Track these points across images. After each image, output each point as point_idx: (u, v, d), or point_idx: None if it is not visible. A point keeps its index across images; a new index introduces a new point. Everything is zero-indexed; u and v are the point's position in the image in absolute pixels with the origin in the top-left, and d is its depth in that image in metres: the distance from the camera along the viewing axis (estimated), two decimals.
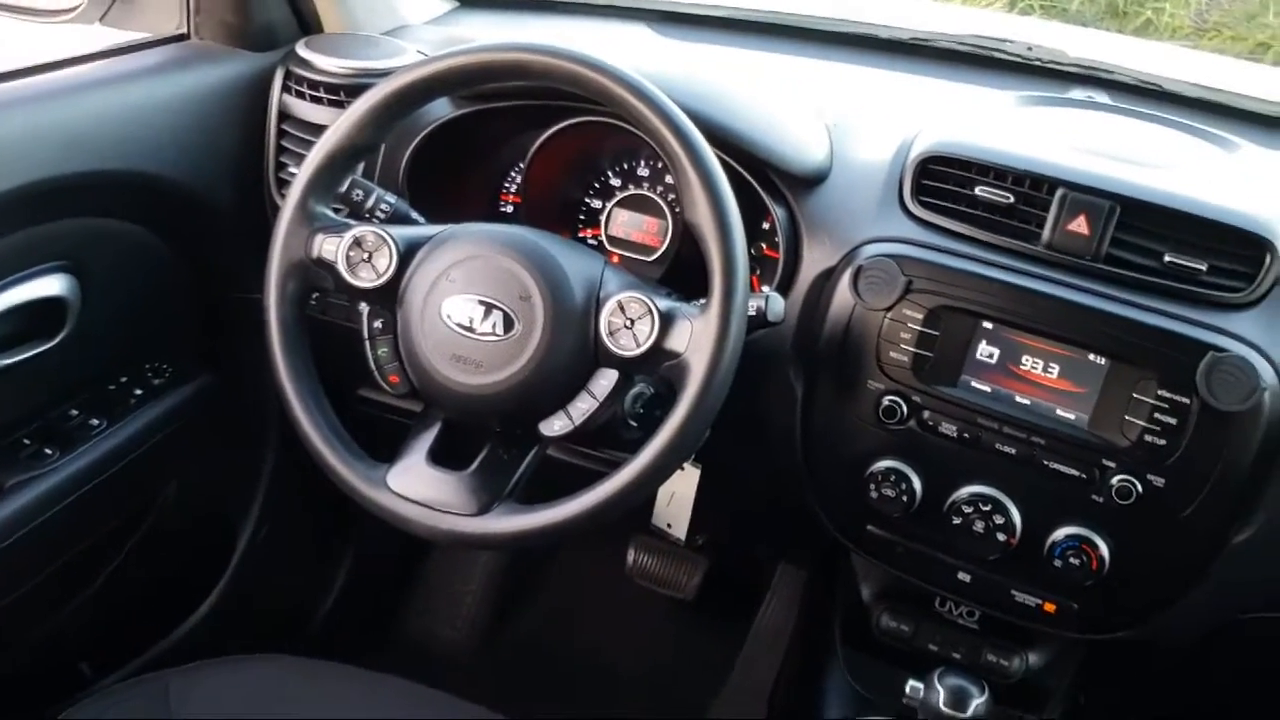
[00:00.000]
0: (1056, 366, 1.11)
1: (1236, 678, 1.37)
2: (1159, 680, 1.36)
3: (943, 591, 1.28)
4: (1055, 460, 1.11)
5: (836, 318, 1.17)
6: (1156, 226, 1.09)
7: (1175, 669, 1.36)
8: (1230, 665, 1.34)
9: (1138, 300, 1.09)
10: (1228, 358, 1.03)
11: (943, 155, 1.16)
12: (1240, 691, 1.40)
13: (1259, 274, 1.07)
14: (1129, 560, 1.11)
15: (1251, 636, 1.20)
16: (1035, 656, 1.32)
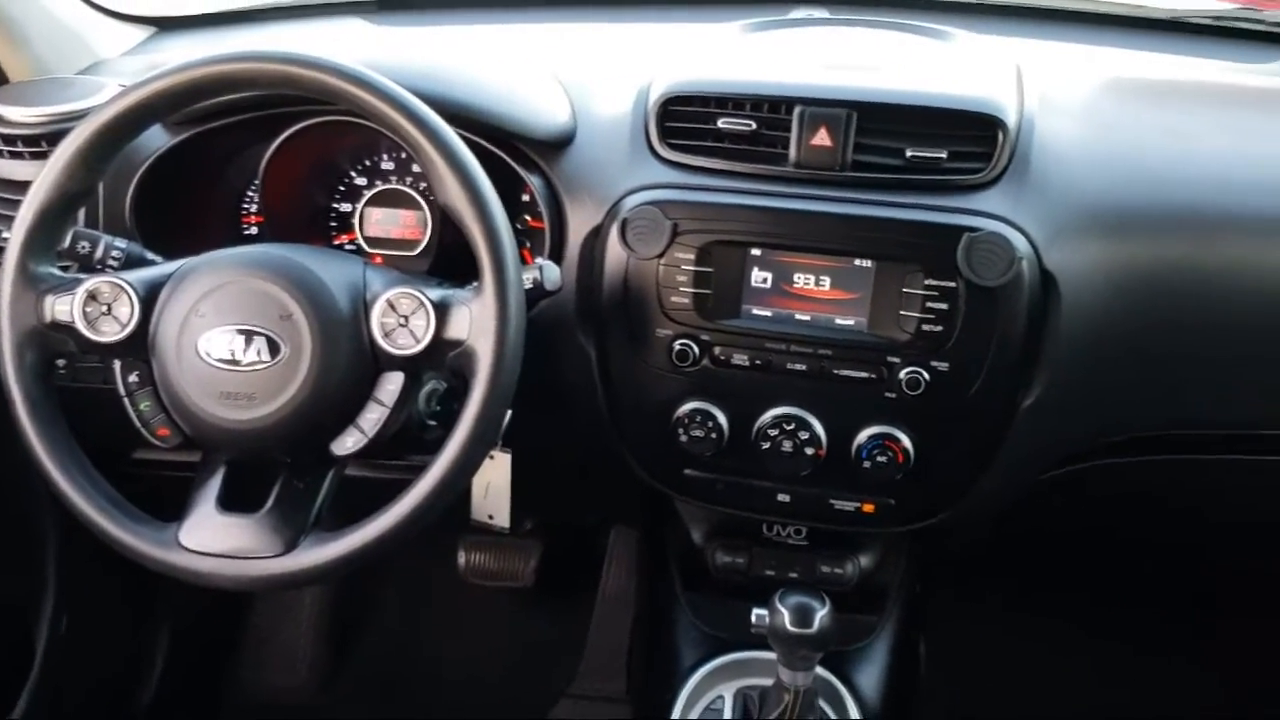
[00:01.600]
0: (828, 278, 1.13)
1: (1047, 536, 1.45)
2: (981, 553, 1.43)
3: (767, 516, 1.30)
4: (844, 367, 1.14)
5: (613, 274, 1.16)
6: (894, 126, 1.13)
7: (993, 539, 1.42)
8: (1040, 526, 1.41)
9: (890, 199, 1.12)
10: (982, 235, 1.07)
11: (680, 94, 1.17)
12: (1054, 548, 1.48)
13: (994, 152, 1.12)
14: (931, 446, 1.15)
15: (1052, 495, 1.27)
16: (866, 559, 1.36)
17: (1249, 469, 1.24)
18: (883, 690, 1.32)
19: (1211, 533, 1.41)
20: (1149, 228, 1.14)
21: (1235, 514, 1.35)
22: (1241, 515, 1.35)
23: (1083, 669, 1.79)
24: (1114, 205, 1.14)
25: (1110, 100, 1.26)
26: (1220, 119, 1.27)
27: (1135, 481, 1.27)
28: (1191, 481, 1.28)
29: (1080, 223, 1.12)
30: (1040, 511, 1.29)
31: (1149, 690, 1.77)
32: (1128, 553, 1.48)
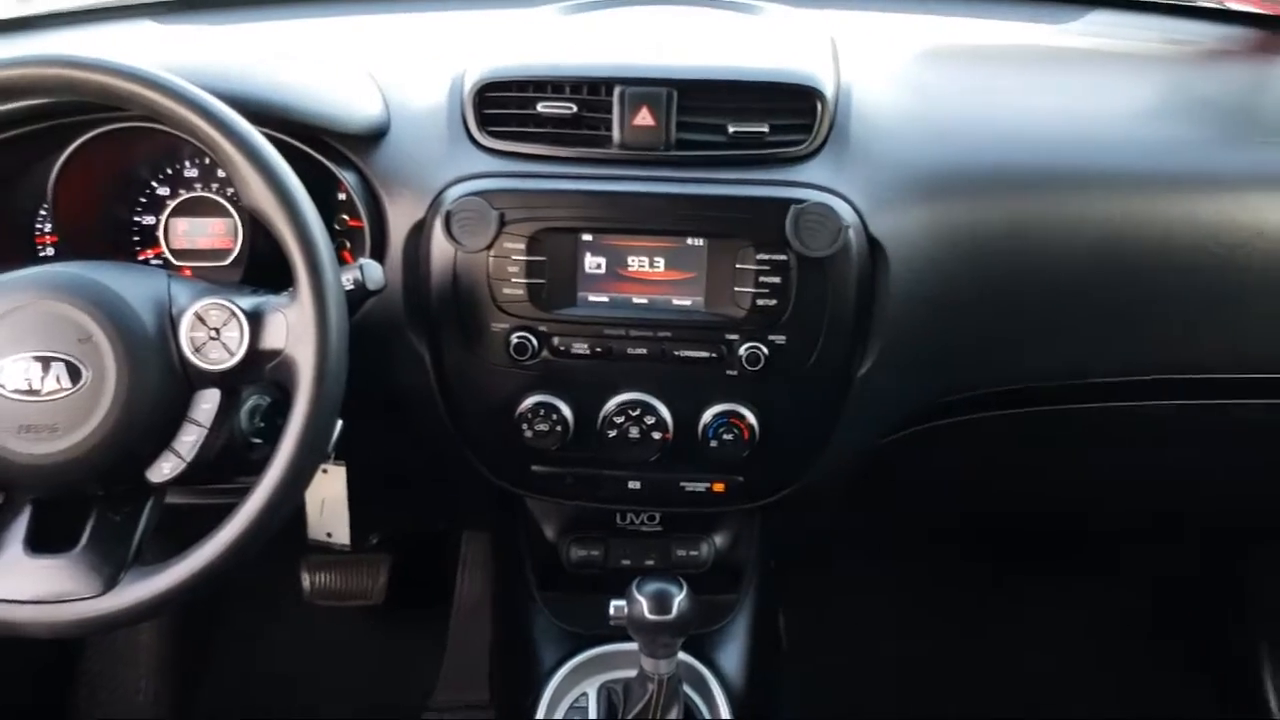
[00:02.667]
0: (662, 259, 1.12)
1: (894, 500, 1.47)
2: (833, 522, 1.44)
3: (620, 506, 1.28)
4: (685, 348, 1.13)
5: (441, 269, 1.12)
6: (715, 102, 1.12)
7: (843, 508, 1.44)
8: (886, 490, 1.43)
9: (716, 176, 1.11)
10: (808, 207, 1.07)
11: (496, 80, 1.14)
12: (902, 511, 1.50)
13: (814, 124, 1.12)
14: (775, 420, 1.15)
15: (895, 459, 1.29)
16: (721, 539, 1.35)
17: (1078, 419, 1.28)
18: (746, 669, 1.32)
19: (1051, 486, 1.45)
20: (968, 189, 1.16)
21: (1069, 464, 1.39)
22: (1075, 465, 1.39)
23: (939, 626, 1.83)
24: (934, 169, 1.16)
25: (924, 66, 1.28)
26: (1028, 79, 1.31)
27: (974, 440, 1.30)
28: (1027, 436, 1.31)
29: (902, 189, 1.14)
30: (885, 476, 1.31)
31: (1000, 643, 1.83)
32: (973, 511, 1.52)
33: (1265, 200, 1.15)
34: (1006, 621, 1.85)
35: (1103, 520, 1.63)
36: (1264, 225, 1.14)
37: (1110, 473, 1.40)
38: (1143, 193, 1.16)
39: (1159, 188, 1.16)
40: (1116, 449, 1.35)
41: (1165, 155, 1.18)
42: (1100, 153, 1.19)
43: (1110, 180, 1.16)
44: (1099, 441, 1.33)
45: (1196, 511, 1.55)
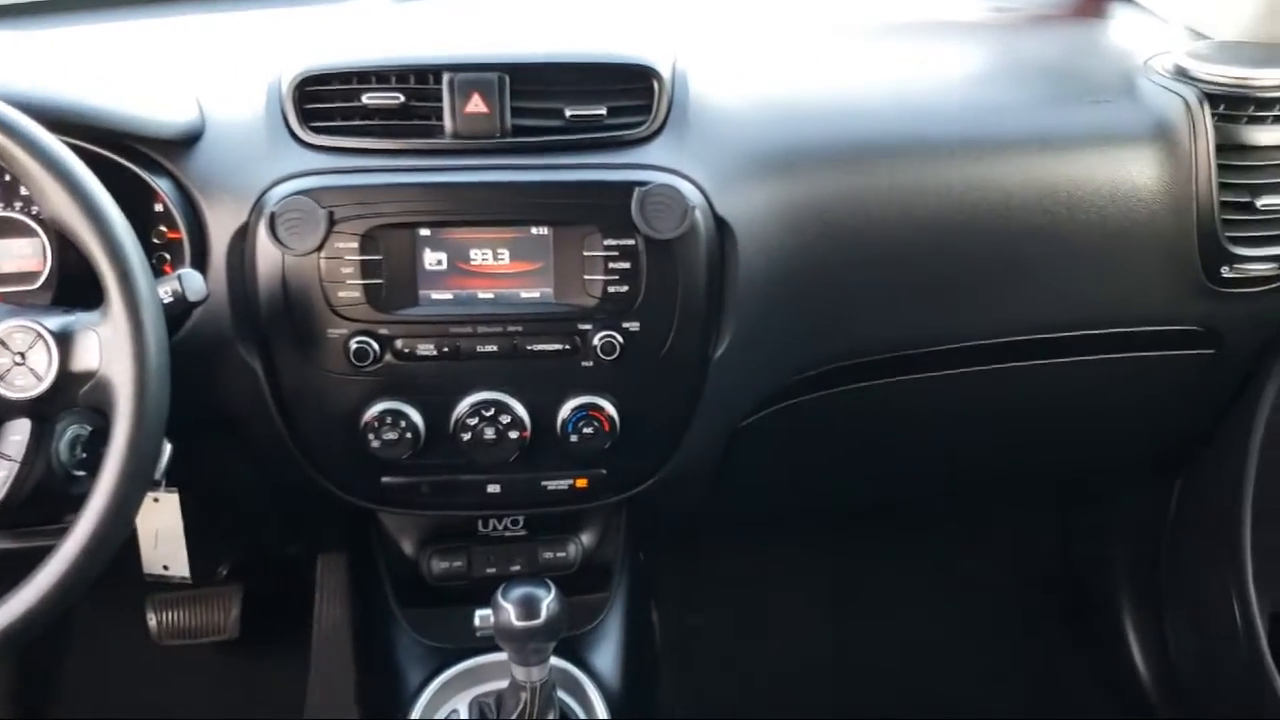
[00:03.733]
0: (506, 251, 1.08)
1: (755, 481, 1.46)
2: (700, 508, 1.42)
3: (480, 512, 1.24)
4: (537, 341, 1.09)
5: (268, 275, 1.06)
6: (549, 86, 1.09)
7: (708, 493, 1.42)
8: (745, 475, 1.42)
9: (556, 162, 1.08)
10: (653, 189, 1.05)
11: (316, 74, 1.08)
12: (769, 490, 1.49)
13: (653, 104, 1.10)
14: (634, 409, 1.12)
15: (752, 441, 1.28)
16: (587, 537, 1.32)
17: (932, 387, 1.29)
18: (621, 668, 1.29)
19: (907, 459, 1.46)
20: (809, 165, 1.15)
21: (926, 434, 1.40)
22: (933, 435, 1.40)
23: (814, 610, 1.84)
24: (775, 147, 1.15)
25: (761, 43, 1.27)
26: (863, 52, 1.32)
27: (830, 417, 1.29)
28: (882, 408, 1.32)
29: (746, 167, 1.12)
30: (745, 460, 1.29)
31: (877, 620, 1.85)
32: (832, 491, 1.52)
33: (1098, 158, 1.18)
34: (881, 597, 1.87)
35: (962, 489, 1.65)
36: (1099, 183, 1.17)
37: (966, 439, 1.42)
38: (980, 158, 1.17)
39: (996, 152, 1.18)
40: (971, 414, 1.37)
41: (1000, 119, 1.20)
42: (936, 121, 1.20)
43: (948, 147, 1.17)
44: (955, 408, 1.34)
45: (1052, 469, 1.58)
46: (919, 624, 1.85)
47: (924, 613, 1.86)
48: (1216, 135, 1.17)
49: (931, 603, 1.88)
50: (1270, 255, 1.20)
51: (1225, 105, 1.18)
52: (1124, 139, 1.19)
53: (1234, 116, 1.18)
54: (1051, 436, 1.45)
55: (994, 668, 1.84)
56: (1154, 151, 1.18)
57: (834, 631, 1.83)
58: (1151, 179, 1.17)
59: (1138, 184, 1.18)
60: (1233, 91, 1.17)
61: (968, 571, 1.89)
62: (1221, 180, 1.17)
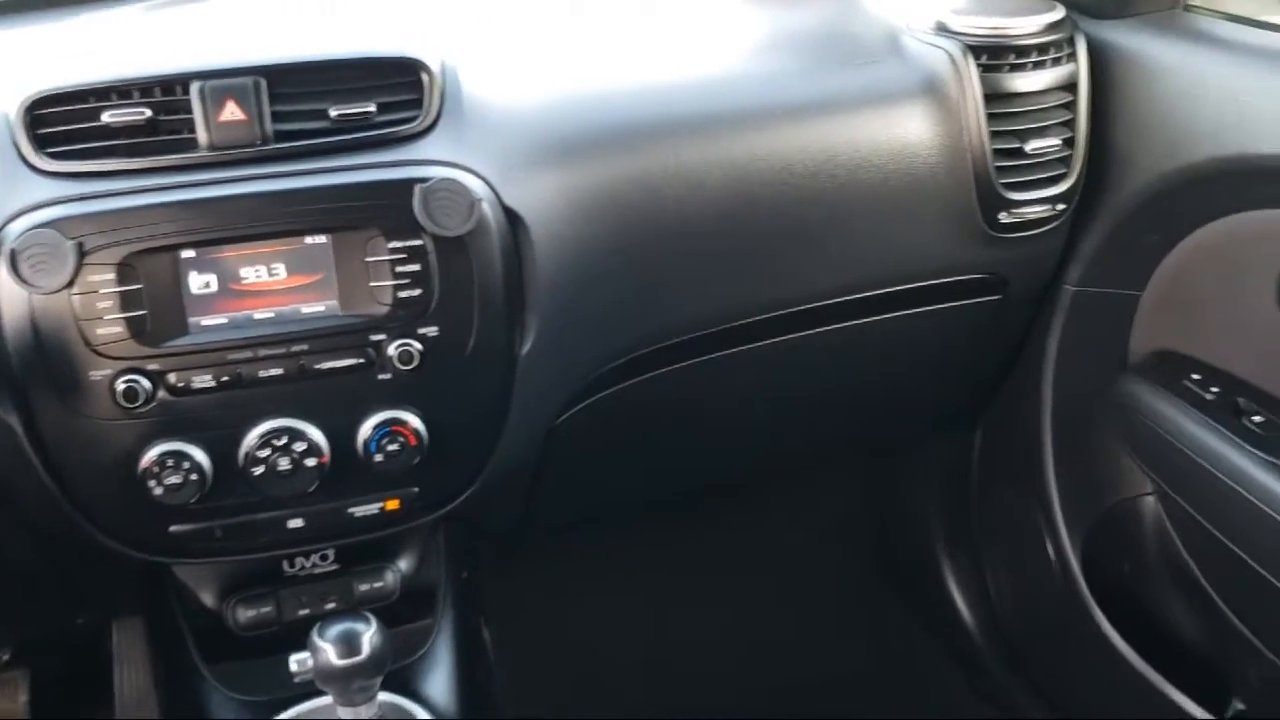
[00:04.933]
0: (281, 265, 1.00)
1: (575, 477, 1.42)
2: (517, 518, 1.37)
3: (283, 550, 1.14)
4: (327, 359, 1.02)
5: (16, 319, 0.95)
6: (311, 87, 1.02)
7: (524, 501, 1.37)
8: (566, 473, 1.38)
9: (326, 165, 1.01)
10: (435, 184, 1.00)
11: (47, 95, 0.98)
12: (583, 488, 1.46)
13: (424, 98, 1.05)
14: (442, 420, 1.06)
15: (568, 440, 1.24)
16: (406, 562, 1.25)
17: (735, 363, 1.28)
18: (455, 693, 1.23)
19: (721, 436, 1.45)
20: (595, 150, 1.13)
21: (735, 411, 1.39)
22: (740, 411, 1.40)
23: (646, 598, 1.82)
24: (558, 134, 1.11)
25: (536, 28, 1.25)
26: (638, 34, 1.31)
27: (646, 401, 1.27)
28: (690, 391, 1.30)
29: (531, 155, 1.09)
30: (567, 455, 1.25)
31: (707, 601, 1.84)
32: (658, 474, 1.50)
33: (873, 118, 1.19)
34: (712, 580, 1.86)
35: (779, 461, 1.66)
36: (877, 143, 1.18)
37: (780, 410, 1.42)
38: (760, 128, 1.17)
39: (774, 121, 1.18)
40: (782, 384, 1.37)
41: (775, 88, 1.20)
42: (714, 95, 1.19)
43: (727, 120, 1.17)
44: (765, 380, 1.34)
45: (864, 429, 1.60)
46: (750, 601, 1.85)
47: (753, 589, 1.87)
48: (983, 85, 1.20)
49: (760, 578, 1.88)
50: (1044, 197, 1.24)
51: (987, 56, 1.21)
52: (895, 97, 1.21)
53: (996, 66, 1.21)
54: (861, 398, 1.47)
55: (828, 633, 1.86)
56: (925, 106, 1.20)
57: (670, 621, 1.81)
58: (926, 134, 1.20)
59: (913, 140, 1.20)
60: (992, 42, 1.21)
61: (793, 542, 1.90)
62: (992, 129, 1.21)
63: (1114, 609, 1.42)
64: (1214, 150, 1.15)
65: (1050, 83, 1.22)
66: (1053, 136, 1.23)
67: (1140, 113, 1.23)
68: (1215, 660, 1.38)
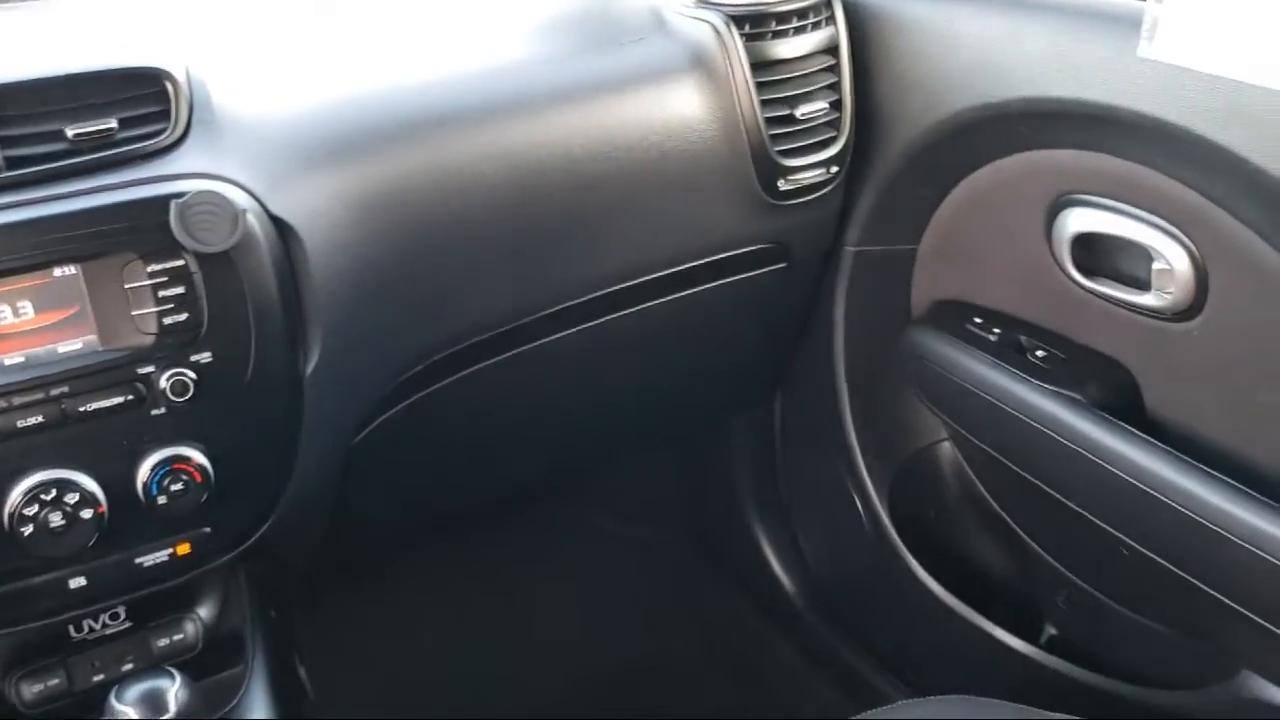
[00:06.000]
0: (29, 303, 0.91)
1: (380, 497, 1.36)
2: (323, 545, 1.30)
3: (67, 614, 1.04)
4: (91, 400, 0.93)
5: None
6: (41, 107, 0.93)
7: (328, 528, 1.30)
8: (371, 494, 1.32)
9: (67, 190, 0.92)
10: (193, 198, 0.92)
11: None
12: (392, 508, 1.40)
13: (171, 108, 0.97)
14: (228, 451, 0.99)
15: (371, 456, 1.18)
16: (206, 608, 1.16)
17: (538, 357, 1.25)
18: None
19: (528, 437, 1.42)
20: (364, 149, 1.07)
21: (543, 403, 1.36)
22: (547, 401, 1.37)
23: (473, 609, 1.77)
24: (326, 134, 1.05)
25: (288, 29, 1.19)
26: (400, 30, 1.26)
27: (449, 408, 1.22)
28: (499, 388, 1.26)
29: (297, 160, 1.02)
30: (370, 475, 1.19)
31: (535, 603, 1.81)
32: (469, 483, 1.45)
33: (646, 96, 1.18)
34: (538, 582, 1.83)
35: (589, 453, 1.64)
36: (652, 120, 1.17)
37: (586, 401, 1.40)
38: (535, 114, 1.14)
39: (548, 105, 1.15)
40: (587, 375, 1.35)
41: (548, 72, 1.18)
42: (487, 84, 1.15)
43: (501, 108, 1.13)
44: (569, 372, 1.32)
45: (671, 411, 1.60)
46: (572, 599, 1.83)
47: (573, 586, 1.85)
48: (748, 54, 1.21)
49: (580, 574, 1.87)
50: (817, 161, 1.26)
51: (750, 25, 1.22)
52: (665, 73, 1.20)
53: (759, 35, 1.22)
54: (663, 380, 1.47)
55: (652, 619, 1.86)
56: (695, 80, 1.20)
57: (494, 628, 1.77)
58: (699, 107, 1.20)
59: (687, 115, 1.20)
60: (753, 11, 1.22)
61: (609, 533, 1.89)
62: (761, 97, 1.21)
63: (925, 554, 1.47)
64: (971, 99, 1.19)
65: (812, 47, 1.24)
66: (820, 100, 1.25)
67: (899, 70, 1.27)
68: (1026, 590, 1.45)
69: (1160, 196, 1.09)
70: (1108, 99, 1.06)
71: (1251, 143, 0.97)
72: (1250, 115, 0.97)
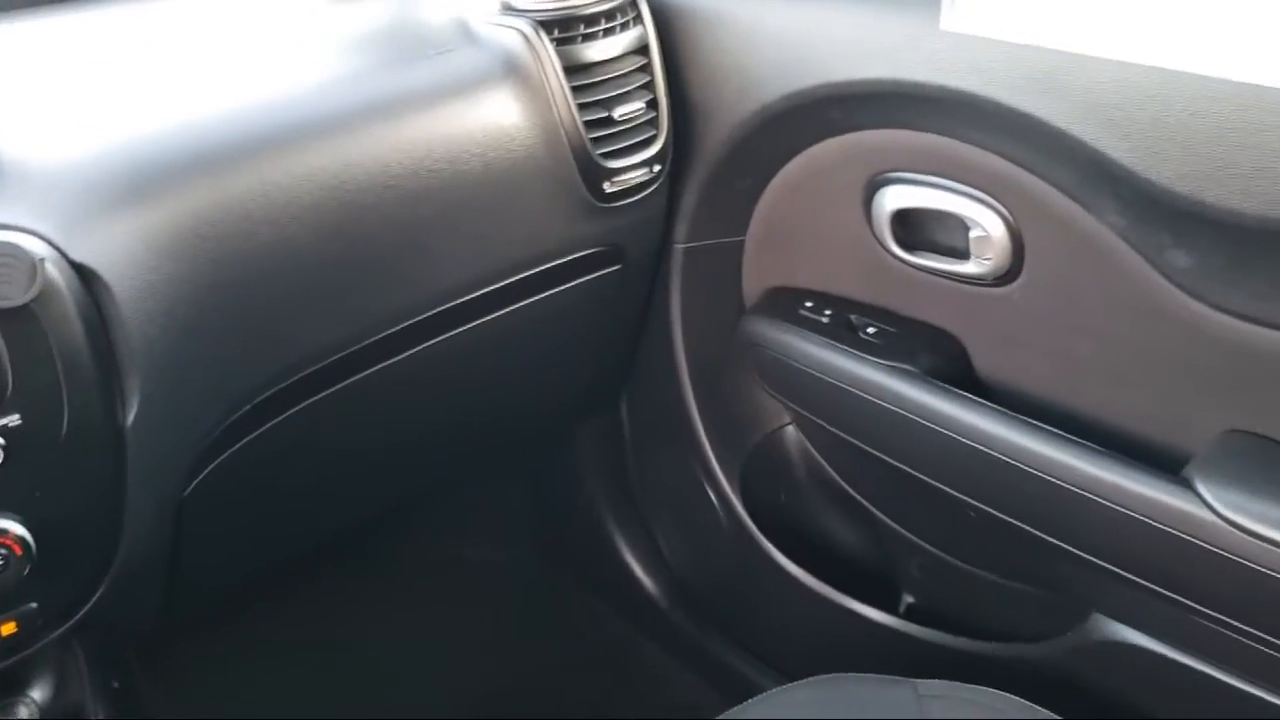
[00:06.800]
0: None
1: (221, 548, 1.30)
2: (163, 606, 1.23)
3: None
4: None
5: None
6: None
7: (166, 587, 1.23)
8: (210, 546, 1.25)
9: None
10: None
11: None
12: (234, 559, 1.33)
13: None
14: (49, 519, 0.92)
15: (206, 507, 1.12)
16: (40, 688, 1.08)
17: (378, 382, 1.21)
18: None
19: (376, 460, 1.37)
20: (172, 183, 1.01)
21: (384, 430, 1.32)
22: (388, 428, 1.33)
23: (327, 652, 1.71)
24: (126, 173, 0.99)
25: (76, 66, 1.12)
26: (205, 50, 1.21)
27: (287, 447, 1.17)
28: (338, 420, 1.22)
29: (96, 203, 0.96)
30: (207, 527, 1.13)
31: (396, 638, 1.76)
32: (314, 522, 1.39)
33: (461, 107, 1.16)
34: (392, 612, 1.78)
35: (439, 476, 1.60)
36: (470, 131, 1.15)
37: (431, 424, 1.37)
38: (347, 132, 1.10)
39: (360, 123, 1.11)
40: (428, 397, 1.31)
41: (357, 90, 1.14)
42: (295, 106, 1.11)
43: (313, 129, 1.09)
44: (409, 396, 1.28)
45: (518, 425, 1.58)
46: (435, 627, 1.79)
47: (436, 614, 1.81)
48: (560, 59, 1.19)
49: (440, 601, 1.82)
50: (640, 161, 1.26)
51: (559, 29, 1.21)
52: (478, 83, 1.18)
53: (569, 38, 1.21)
54: (507, 396, 1.45)
55: (521, 638, 1.83)
56: (510, 88, 1.18)
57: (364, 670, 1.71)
58: (517, 115, 1.18)
59: (505, 123, 1.18)
60: (560, 15, 1.21)
61: (466, 557, 1.85)
62: (578, 101, 1.21)
63: (781, 538, 1.49)
64: (782, 89, 1.21)
65: (624, 48, 1.24)
66: (637, 100, 1.25)
67: (711, 66, 1.28)
68: (881, 563, 1.48)
69: (973, 167, 1.12)
70: (913, 76, 1.09)
71: (1056, 108, 1.01)
72: (1053, 81, 1.01)
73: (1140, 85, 0.97)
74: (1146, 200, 1.00)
